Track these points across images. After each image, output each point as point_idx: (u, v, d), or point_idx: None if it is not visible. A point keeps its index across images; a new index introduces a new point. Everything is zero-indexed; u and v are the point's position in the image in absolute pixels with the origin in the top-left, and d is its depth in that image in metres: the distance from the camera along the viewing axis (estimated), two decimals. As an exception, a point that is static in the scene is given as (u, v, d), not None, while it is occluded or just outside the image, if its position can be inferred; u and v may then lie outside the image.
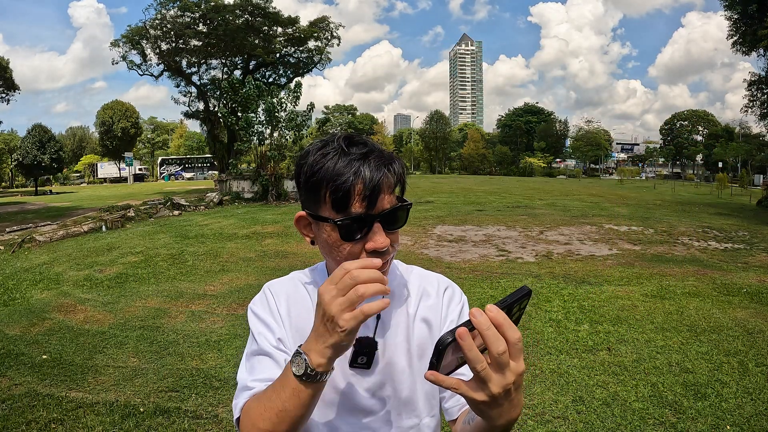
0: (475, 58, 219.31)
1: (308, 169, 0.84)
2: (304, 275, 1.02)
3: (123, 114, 49.96)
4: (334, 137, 0.87)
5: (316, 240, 0.91)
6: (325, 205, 0.83)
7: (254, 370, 0.91)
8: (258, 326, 0.95)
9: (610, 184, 39.32)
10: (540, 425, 3.18)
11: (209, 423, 3.28)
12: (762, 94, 22.79)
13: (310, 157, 0.85)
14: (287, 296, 0.98)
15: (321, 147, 0.86)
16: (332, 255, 0.87)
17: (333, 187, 0.81)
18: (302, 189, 0.88)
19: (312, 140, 1.07)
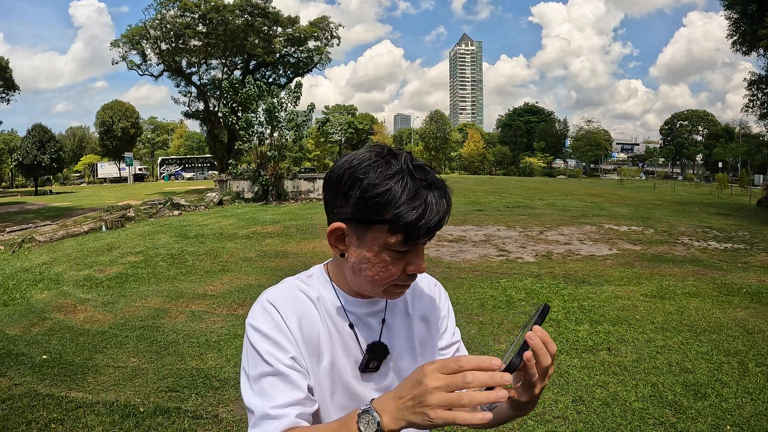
0: (475, 58, 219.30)
1: (370, 187, 0.80)
2: (303, 283, 0.96)
3: (123, 114, 49.95)
4: (393, 153, 0.85)
5: (349, 254, 0.87)
6: (383, 227, 0.81)
7: (270, 396, 0.84)
8: (264, 345, 0.87)
9: (610, 184, 39.32)
10: (540, 425, 3.18)
11: (209, 423, 3.28)
12: (762, 94, 22.78)
13: (372, 173, 0.81)
14: (293, 308, 0.91)
15: (382, 163, 0.82)
16: (369, 272, 0.86)
17: (400, 213, 0.79)
18: (352, 202, 0.83)
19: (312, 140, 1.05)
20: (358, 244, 0.85)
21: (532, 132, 70.98)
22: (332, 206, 0.87)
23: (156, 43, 30.12)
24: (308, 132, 39.03)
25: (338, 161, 0.88)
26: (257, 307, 0.91)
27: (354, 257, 0.86)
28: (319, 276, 0.97)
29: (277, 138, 20.08)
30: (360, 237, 0.85)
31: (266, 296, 0.92)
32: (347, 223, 0.85)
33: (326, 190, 0.88)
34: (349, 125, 69.42)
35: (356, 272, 0.88)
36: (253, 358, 0.87)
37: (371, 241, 0.83)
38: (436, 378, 0.68)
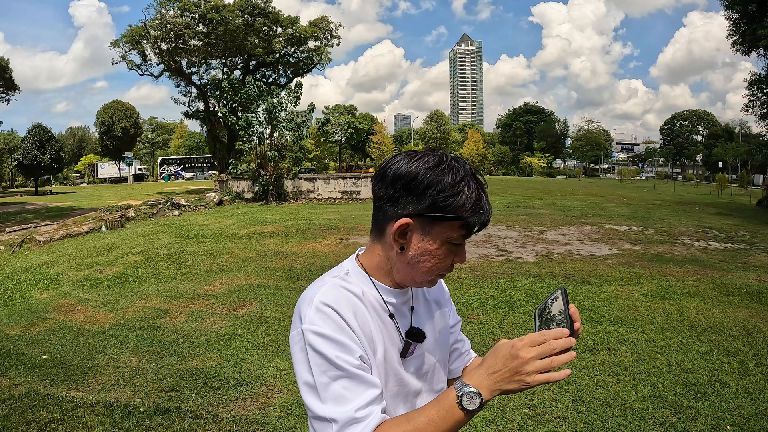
0: (475, 58, 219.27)
1: (447, 187, 0.91)
2: (343, 280, 0.98)
3: (123, 114, 49.92)
4: (455, 158, 0.95)
5: (411, 248, 0.95)
6: (450, 223, 0.92)
7: (348, 400, 0.85)
8: (331, 349, 0.87)
9: (610, 184, 39.32)
10: (540, 425, 3.18)
11: (209, 423, 3.28)
12: (762, 93, 22.75)
13: (447, 177, 0.91)
14: (347, 307, 0.93)
15: (453, 167, 0.93)
16: (427, 263, 0.95)
17: (468, 218, 0.92)
18: (426, 201, 0.91)
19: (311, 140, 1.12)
20: (422, 238, 0.94)
21: (532, 132, 70.93)
22: (395, 202, 0.94)
23: (156, 43, 30.11)
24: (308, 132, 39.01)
25: (400, 161, 0.95)
26: (311, 311, 0.90)
27: (415, 250, 0.95)
28: (355, 272, 1.01)
29: (277, 138, 20.09)
30: (425, 231, 0.94)
31: (319, 298, 0.92)
32: (414, 219, 0.93)
33: (389, 186, 0.95)
34: (349, 125, 69.38)
35: (412, 264, 0.96)
36: (319, 364, 0.87)
37: (436, 235, 0.93)
38: (529, 350, 0.83)
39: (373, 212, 1.01)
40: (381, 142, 65.82)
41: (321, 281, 0.99)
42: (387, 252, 0.99)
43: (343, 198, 20.74)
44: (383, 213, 0.96)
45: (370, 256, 1.02)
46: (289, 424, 3.24)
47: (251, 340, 4.82)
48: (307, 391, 0.88)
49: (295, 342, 0.91)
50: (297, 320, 0.93)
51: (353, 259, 1.04)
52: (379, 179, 0.97)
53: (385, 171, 0.96)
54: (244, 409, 3.48)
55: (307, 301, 0.93)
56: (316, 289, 0.96)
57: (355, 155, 73.69)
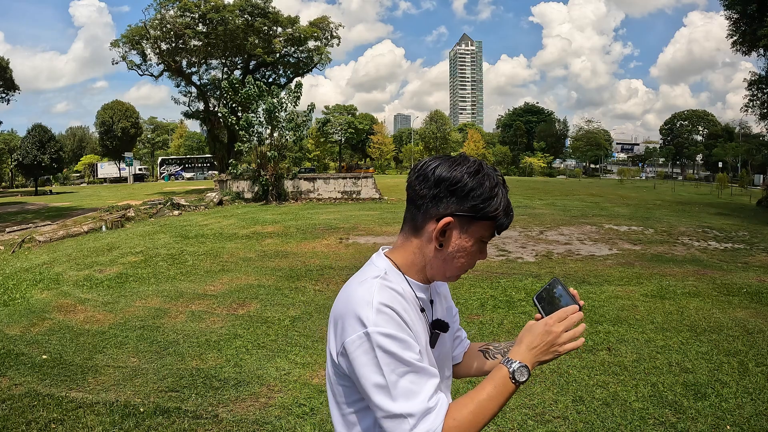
0: (475, 58, 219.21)
1: (487, 191, 1.02)
2: (385, 280, 1.01)
3: (123, 114, 49.89)
4: (487, 165, 1.06)
5: (449, 245, 1.04)
6: (485, 223, 1.04)
7: (418, 393, 0.91)
8: (399, 348, 0.91)
9: (610, 184, 39.32)
10: (540, 425, 3.18)
11: (209, 423, 3.28)
12: (762, 93, 22.75)
13: (487, 182, 1.02)
14: (400, 305, 0.98)
15: (490, 173, 1.04)
16: (462, 260, 1.06)
17: (501, 220, 1.04)
18: (468, 202, 1.01)
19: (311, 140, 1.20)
20: (460, 236, 1.04)
21: (532, 132, 70.90)
22: (438, 202, 1.03)
23: (156, 43, 30.09)
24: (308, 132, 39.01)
25: (441, 165, 1.04)
26: (372, 313, 0.93)
27: (453, 247, 1.04)
28: (391, 270, 1.06)
29: (277, 138, 20.09)
30: (464, 230, 1.04)
31: (377, 299, 0.95)
32: (456, 218, 1.02)
33: (432, 187, 1.03)
34: (349, 125, 69.38)
35: (448, 261, 1.05)
36: (388, 363, 0.91)
37: (472, 234, 1.04)
38: (559, 325, 0.99)
39: (410, 210, 1.07)
40: (381, 142, 65.83)
41: (365, 282, 1.00)
42: (423, 249, 1.06)
43: (343, 198, 20.74)
44: (424, 211, 1.04)
45: (403, 253, 1.08)
46: (289, 424, 3.24)
47: (251, 340, 4.82)
48: (378, 392, 0.91)
49: (358, 345, 0.93)
50: (355, 323, 0.94)
51: (383, 257, 1.10)
52: (421, 179, 1.04)
53: (425, 172, 1.04)
54: (244, 409, 3.48)
55: (362, 303, 0.95)
56: (365, 290, 0.98)
57: (355, 155, 73.70)
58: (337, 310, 1.01)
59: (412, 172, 1.08)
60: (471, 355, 1.31)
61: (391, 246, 1.14)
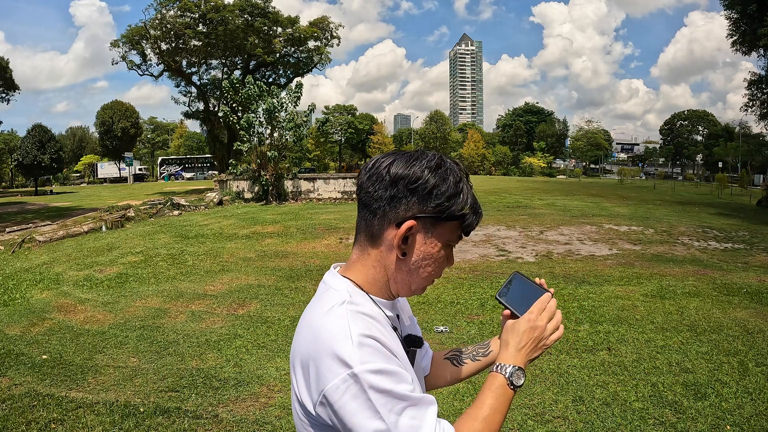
0: (475, 58, 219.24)
1: (450, 188, 0.90)
2: (354, 305, 0.88)
3: (123, 114, 49.87)
4: (447, 158, 0.94)
5: (413, 252, 0.91)
6: (452, 224, 0.92)
7: (420, 428, 0.80)
8: (392, 383, 0.80)
9: (610, 184, 39.32)
10: (540, 425, 3.18)
11: (209, 423, 3.28)
12: (762, 93, 22.76)
13: (451, 177, 0.90)
14: (379, 333, 0.86)
15: (452, 168, 0.92)
16: (428, 268, 0.93)
17: (468, 215, 0.93)
18: (434, 201, 0.89)
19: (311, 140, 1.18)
20: (425, 242, 0.91)
21: (532, 132, 70.90)
22: (396, 204, 0.89)
23: (156, 43, 30.10)
24: (308, 132, 38.99)
25: (396, 161, 0.91)
26: (354, 349, 0.80)
27: (417, 255, 0.91)
28: (354, 292, 0.92)
29: (277, 138, 20.09)
30: (428, 234, 0.91)
31: (356, 332, 0.82)
32: (418, 221, 0.90)
33: (388, 187, 0.89)
34: (349, 125, 69.39)
35: (413, 271, 0.93)
36: (384, 403, 0.79)
37: (438, 237, 0.92)
38: (542, 318, 0.95)
39: (363, 216, 0.93)
40: (381, 142, 65.81)
41: (331, 311, 0.86)
42: (383, 260, 0.92)
43: (343, 198, 20.75)
44: (381, 216, 0.89)
45: (361, 269, 0.94)
46: (289, 425, 3.24)
47: (251, 340, 4.82)
48: (381, 426, 0.78)
49: (344, 391, 0.79)
50: (334, 365, 0.79)
51: (339, 277, 0.95)
52: (374, 179, 0.90)
53: (379, 171, 0.90)
54: (244, 409, 3.48)
55: (338, 338, 0.82)
56: (335, 322, 0.84)
57: (355, 155, 73.68)
58: (304, 351, 0.85)
59: (362, 171, 0.94)
60: (438, 365, 1.19)
61: (342, 263, 1.00)
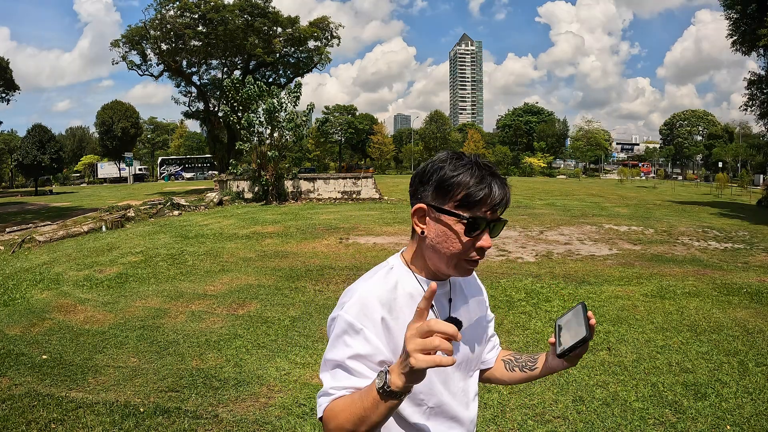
0: (475, 58, 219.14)
1: (448, 173, 1.03)
2: (390, 277, 1.09)
3: (123, 114, 49.84)
4: (463, 153, 1.08)
5: (429, 231, 1.06)
6: (455, 203, 1.03)
7: (326, 380, 1.02)
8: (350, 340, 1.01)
9: (610, 184, 39.32)
10: (540, 425, 3.18)
11: (209, 423, 3.28)
12: (762, 93, 22.75)
13: (448, 163, 1.04)
14: (387, 302, 1.05)
15: (456, 158, 1.06)
16: (445, 245, 1.04)
17: (470, 191, 1.01)
18: (432, 187, 1.05)
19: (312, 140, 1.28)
20: (437, 219, 1.05)
21: (531, 132, 70.86)
22: (416, 193, 1.09)
23: (156, 44, 30.10)
24: (308, 132, 39.00)
25: (424, 162, 1.12)
26: (350, 301, 1.05)
27: (433, 232, 1.05)
28: (398, 266, 1.12)
29: (277, 138, 20.08)
30: (439, 212, 1.04)
31: (363, 290, 1.06)
32: (428, 204, 1.06)
33: (412, 184, 1.11)
34: (349, 125, 69.39)
35: (435, 248, 1.06)
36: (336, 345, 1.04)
37: (447, 216, 1.03)
38: (411, 328, 0.85)
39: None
40: (381, 142, 65.79)
41: (368, 276, 1.11)
42: (418, 242, 1.10)
43: (343, 198, 20.74)
44: (411, 205, 1.10)
45: (409, 250, 1.15)
46: (289, 424, 3.24)
47: (251, 340, 4.82)
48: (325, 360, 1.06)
49: (329, 324, 1.08)
50: (337, 307, 1.06)
51: (398, 255, 1.17)
52: (412, 179, 1.12)
53: (416, 172, 1.11)
54: (244, 409, 3.48)
55: (350, 292, 1.07)
56: (360, 283, 1.09)
57: (355, 155, 73.66)
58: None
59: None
60: (499, 362, 1.34)
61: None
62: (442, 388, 1.11)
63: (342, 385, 0.98)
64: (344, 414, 0.94)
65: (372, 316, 1.02)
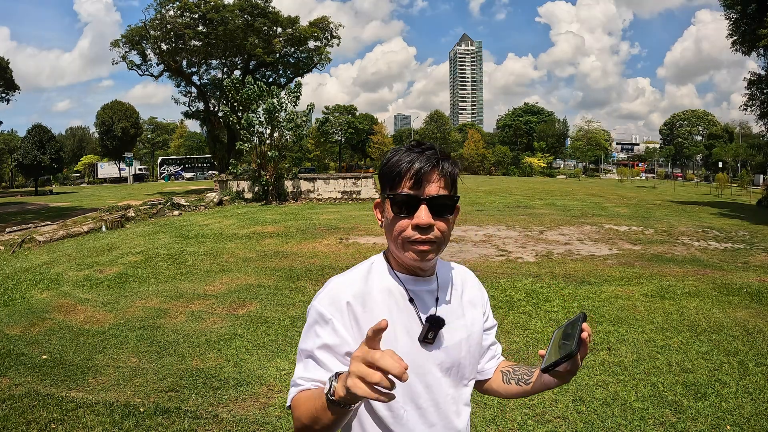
0: (475, 58, 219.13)
1: (385, 161, 1.08)
2: (366, 272, 1.12)
3: (123, 114, 49.84)
4: (406, 147, 1.10)
5: (384, 221, 1.10)
6: (387, 186, 1.07)
7: (297, 371, 1.04)
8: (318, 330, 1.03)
9: (610, 184, 39.32)
10: (540, 425, 3.18)
11: (209, 423, 3.28)
12: (762, 93, 22.75)
13: (389, 154, 1.08)
14: (358, 295, 1.06)
15: (398, 147, 1.09)
16: (389, 231, 1.08)
17: (392, 169, 1.05)
18: (379, 178, 1.09)
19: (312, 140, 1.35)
20: (383, 208, 1.10)
21: (531, 132, 70.88)
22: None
23: (156, 44, 30.09)
24: (308, 132, 38.92)
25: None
26: (323, 291, 1.09)
27: (385, 222, 1.10)
28: (379, 262, 1.15)
29: (277, 138, 20.08)
30: (383, 201, 1.10)
31: (335, 282, 1.10)
32: (381, 196, 1.10)
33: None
34: (349, 125, 69.39)
35: (388, 237, 1.09)
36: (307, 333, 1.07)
37: (385, 199, 1.08)
38: (361, 348, 0.80)
39: None
40: (381, 142, 65.78)
41: (348, 271, 1.13)
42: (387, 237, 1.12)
43: (343, 198, 20.74)
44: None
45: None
46: (289, 424, 3.24)
47: (251, 340, 4.82)
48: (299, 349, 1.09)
49: (307, 312, 1.09)
50: (314, 297, 1.09)
51: (382, 252, 1.18)
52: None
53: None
54: (244, 409, 3.48)
55: (325, 285, 1.10)
56: (338, 277, 1.12)
57: (355, 155, 73.66)
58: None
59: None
60: (497, 373, 1.29)
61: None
62: (425, 394, 1.07)
63: (310, 376, 0.98)
64: (303, 408, 0.95)
65: (341, 307, 1.02)
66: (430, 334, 1.06)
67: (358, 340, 1.00)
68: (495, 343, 1.30)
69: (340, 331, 1.01)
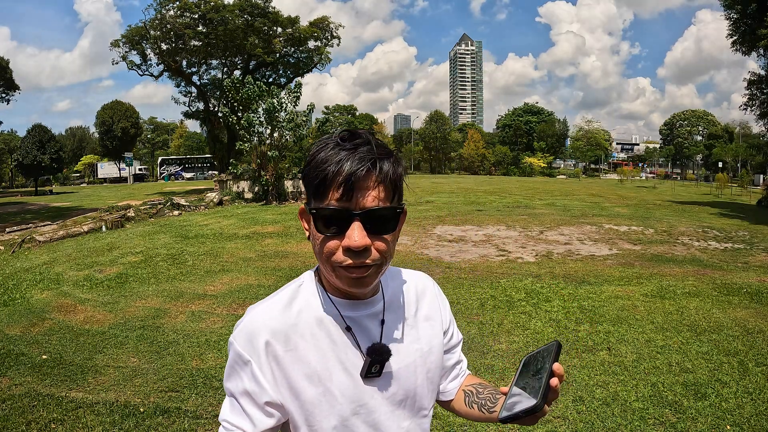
0: (475, 58, 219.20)
1: (309, 159, 0.84)
2: (290, 296, 0.92)
3: (123, 114, 49.88)
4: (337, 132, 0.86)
5: (311, 235, 0.87)
6: (310, 193, 0.83)
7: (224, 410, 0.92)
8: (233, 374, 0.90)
9: (610, 184, 39.32)
10: (540, 425, 3.18)
11: (209, 423, 3.28)
12: (762, 93, 22.77)
13: (313, 149, 0.84)
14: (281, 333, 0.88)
15: (323, 141, 0.84)
16: (316, 250, 0.85)
17: (314, 174, 0.80)
18: (302, 181, 0.87)
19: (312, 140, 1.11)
20: (309, 221, 0.86)
21: (532, 132, 70.92)
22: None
23: (156, 44, 30.12)
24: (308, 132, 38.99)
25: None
26: (240, 324, 0.90)
27: (311, 238, 0.86)
28: (309, 282, 0.94)
29: (277, 138, 20.08)
30: (308, 213, 0.85)
31: (253, 313, 0.90)
32: (306, 204, 0.87)
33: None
34: (349, 125, 69.49)
35: (317, 256, 0.86)
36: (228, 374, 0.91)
37: (309, 211, 0.84)
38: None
39: None
40: (381, 143, 65.71)
41: (271, 295, 0.93)
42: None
43: (343, 198, 20.72)
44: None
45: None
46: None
47: (251, 340, 4.82)
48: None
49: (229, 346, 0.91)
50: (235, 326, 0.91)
51: (313, 270, 0.97)
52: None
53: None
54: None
55: (244, 316, 0.90)
56: (258, 306, 0.91)
57: (356, 155, 73.56)
58: None
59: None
60: (460, 392, 1.10)
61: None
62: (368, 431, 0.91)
63: (234, 423, 0.86)
64: None
65: (258, 347, 0.85)
66: (374, 367, 0.88)
67: (281, 384, 0.87)
68: (460, 361, 1.11)
69: (258, 378, 0.85)
